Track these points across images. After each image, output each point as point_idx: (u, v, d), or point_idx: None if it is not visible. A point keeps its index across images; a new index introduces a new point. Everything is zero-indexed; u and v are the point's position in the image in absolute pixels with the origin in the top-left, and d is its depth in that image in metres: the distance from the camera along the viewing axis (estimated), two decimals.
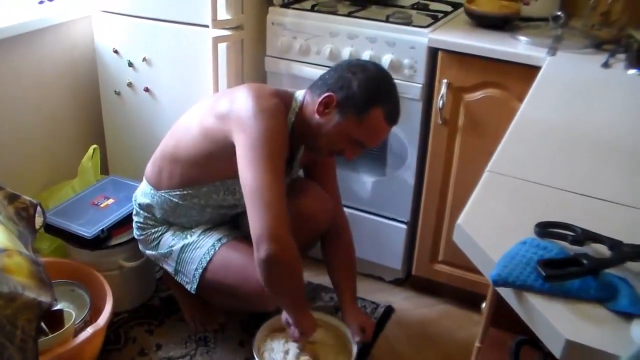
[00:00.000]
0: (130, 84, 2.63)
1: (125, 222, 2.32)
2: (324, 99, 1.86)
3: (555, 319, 0.88)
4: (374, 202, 2.54)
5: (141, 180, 2.22)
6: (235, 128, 1.83)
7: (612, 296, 0.91)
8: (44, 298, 1.18)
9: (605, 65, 2.03)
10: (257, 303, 2.02)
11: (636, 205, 1.18)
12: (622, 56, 2.10)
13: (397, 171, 2.44)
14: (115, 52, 2.61)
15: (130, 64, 2.60)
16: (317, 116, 1.88)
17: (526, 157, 1.38)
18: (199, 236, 2.08)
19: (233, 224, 2.19)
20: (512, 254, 0.99)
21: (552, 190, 1.22)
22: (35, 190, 2.62)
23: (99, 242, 2.26)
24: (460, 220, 1.10)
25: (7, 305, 1.13)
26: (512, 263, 0.97)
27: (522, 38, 2.21)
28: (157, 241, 2.14)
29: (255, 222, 1.75)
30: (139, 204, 2.16)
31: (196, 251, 2.06)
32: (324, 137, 1.90)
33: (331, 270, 2.26)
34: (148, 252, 2.18)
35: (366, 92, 1.83)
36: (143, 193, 2.15)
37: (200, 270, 2.03)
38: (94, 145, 2.59)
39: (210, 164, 1.96)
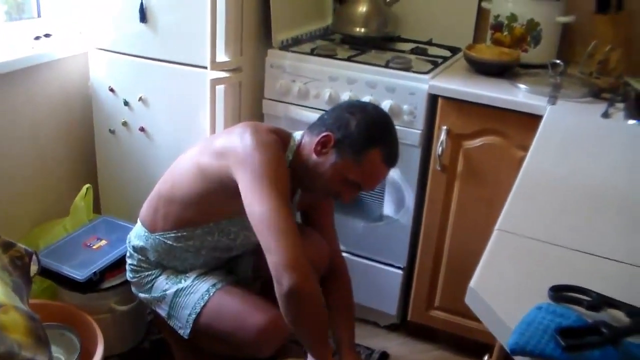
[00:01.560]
0: (125, 123, 2.61)
1: (117, 264, 2.28)
2: (321, 138, 1.84)
3: None
4: (371, 247, 2.52)
5: (134, 221, 2.19)
6: (234, 164, 1.80)
7: None
8: (41, 357, 1.14)
9: (605, 115, 2.03)
10: (251, 350, 1.98)
11: None
12: (620, 105, 2.11)
13: (395, 216, 2.42)
14: (111, 90, 2.59)
15: (126, 103, 2.58)
16: (314, 156, 1.86)
17: (535, 215, 1.36)
18: (193, 281, 2.04)
19: (228, 269, 2.15)
20: (529, 321, 0.96)
21: (563, 250, 1.20)
22: (26, 228, 2.58)
23: (91, 285, 2.22)
24: (472, 283, 1.08)
25: None
26: (529, 330, 0.94)
27: (522, 86, 2.21)
28: (151, 284, 2.10)
29: (273, 252, 1.68)
30: (133, 247, 2.13)
31: (190, 296, 2.02)
32: (320, 177, 1.87)
33: (329, 315, 2.22)
34: (141, 294, 2.14)
35: (364, 132, 1.81)
36: (137, 235, 2.12)
37: (194, 316, 1.99)
38: (87, 185, 2.55)
39: (205, 204, 1.93)
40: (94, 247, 2.35)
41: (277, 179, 1.74)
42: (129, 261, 2.16)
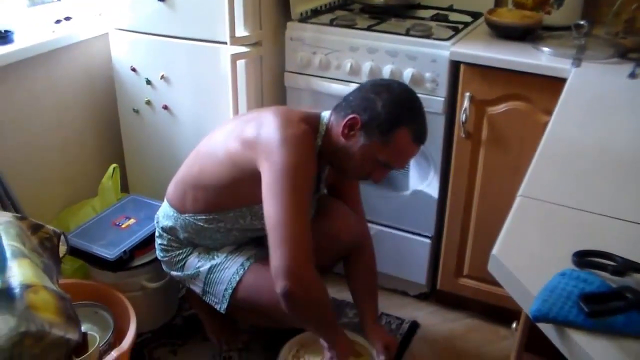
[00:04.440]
0: (148, 102, 2.62)
1: (147, 242, 2.31)
2: (348, 121, 1.83)
3: (599, 356, 0.85)
4: (398, 217, 2.51)
5: (161, 198, 2.20)
6: (261, 156, 1.80)
7: None
8: (72, 335, 1.17)
9: (632, 75, 1.99)
10: (290, 319, 1.99)
11: None
12: None
13: (421, 185, 2.41)
14: (133, 70, 2.60)
15: (149, 82, 2.59)
16: (342, 139, 1.85)
17: (558, 180, 1.34)
18: (226, 257, 2.05)
19: (258, 241, 2.16)
20: (552, 287, 0.96)
21: (587, 215, 1.19)
22: (55, 210, 2.62)
23: (121, 263, 2.25)
24: (495, 251, 1.07)
25: (35, 345, 1.11)
26: (552, 297, 0.94)
27: (545, 49, 2.17)
28: (182, 263, 2.11)
29: (273, 257, 1.74)
30: (162, 227, 2.13)
31: (224, 272, 2.03)
32: (350, 159, 1.87)
33: (352, 288, 2.23)
34: (173, 273, 2.15)
35: (391, 112, 1.80)
36: (165, 215, 2.12)
37: (230, 291, 2.00)
38: (114, 164, 2.58)
39: (236, 190, 1.93)
40: (122, 225, 2.38)
41: (297, 181, 1.76)
42: (158, 241, 2.18)
